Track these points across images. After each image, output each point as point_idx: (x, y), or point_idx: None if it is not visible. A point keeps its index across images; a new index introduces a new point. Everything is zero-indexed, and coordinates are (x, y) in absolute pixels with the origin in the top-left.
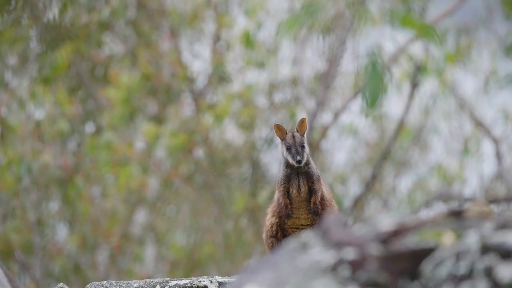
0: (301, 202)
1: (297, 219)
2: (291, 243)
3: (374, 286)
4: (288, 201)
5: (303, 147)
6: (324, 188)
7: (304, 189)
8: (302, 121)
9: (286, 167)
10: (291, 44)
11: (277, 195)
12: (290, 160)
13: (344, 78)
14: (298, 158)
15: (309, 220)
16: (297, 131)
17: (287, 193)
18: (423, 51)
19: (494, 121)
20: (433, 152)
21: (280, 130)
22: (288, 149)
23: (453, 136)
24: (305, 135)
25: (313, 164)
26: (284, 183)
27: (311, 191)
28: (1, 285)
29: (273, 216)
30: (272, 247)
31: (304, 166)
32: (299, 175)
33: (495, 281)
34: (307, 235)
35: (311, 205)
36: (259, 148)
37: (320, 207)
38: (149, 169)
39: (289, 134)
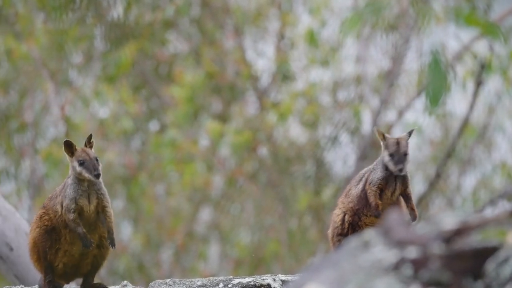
0: (389, 205)
1: (377, 218)
2: (352, 242)
3: (436, 285)
4: (380, 202)
5: (406, 155)
6: None
7: (397, 193)
8: (411, 131)
9: (386, 169)
10: (354, 42)
11: (361, 192)
12: (392, 167)
13: (408, 76)
14: (400, 166)
15: None
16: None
17: (379, 194)
18: (488, 49)
19: None
20: (497, 150)
21: (379, 133)
22: (391, 155)
23: None
24: (409, 141)
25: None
26: (379, 184)
27: (404, 196)
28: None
29: (346, 214)
30: (338, 245)
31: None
32: (396, 179)
33: None
34: (369, 234)
35: (409, 210)
36: (323, 146)
37: (416, 214)
38: (214, 167)
39: (393, 140)
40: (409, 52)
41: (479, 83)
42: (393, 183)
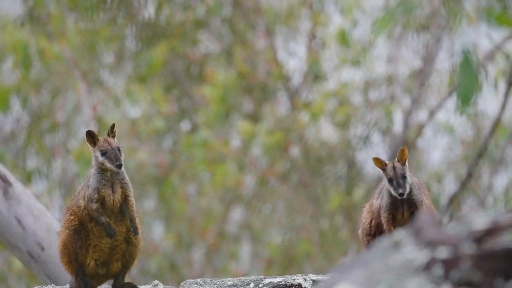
0: (405, 222)
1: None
2: (383, 242)
3: (467, 285)
4: (392, 228)
5: (404, 177)
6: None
7: (407, 214)
8: (403, 150)
9: (391, 195)
10: (386, 42)
11: (379, 208)
12: (393, 192)
13: (439, 76)
14: (400, 191)
15: None
16: (398, 161)
17: (391, 219)
18: None
19: None
20: None
21: (379, 162)
22: (390, 181)
23: None
24: (406, 163)
25: (415, 190)
26: (389, 210)
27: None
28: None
29: (373, 219)
30: (368, 244)
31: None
32: (403, 202)
33: None
34: (399, 234)
35: None
36: (355, 146)
37: None
38: (245, 167)
39: (390, 165)
40: (440, 52)
41: (511, 83)
42: (401, 206)
